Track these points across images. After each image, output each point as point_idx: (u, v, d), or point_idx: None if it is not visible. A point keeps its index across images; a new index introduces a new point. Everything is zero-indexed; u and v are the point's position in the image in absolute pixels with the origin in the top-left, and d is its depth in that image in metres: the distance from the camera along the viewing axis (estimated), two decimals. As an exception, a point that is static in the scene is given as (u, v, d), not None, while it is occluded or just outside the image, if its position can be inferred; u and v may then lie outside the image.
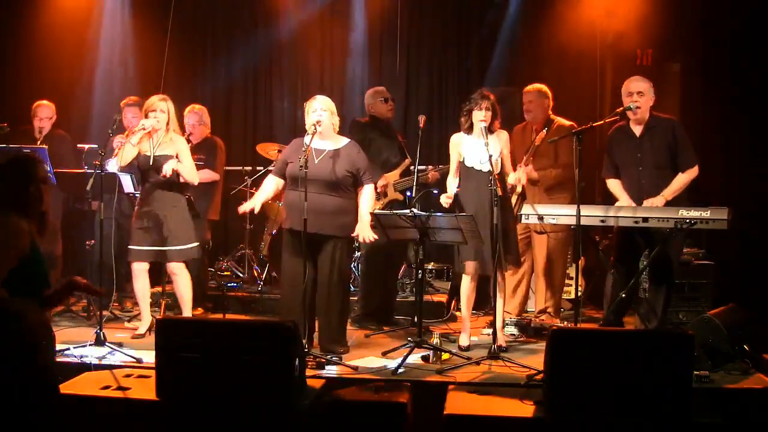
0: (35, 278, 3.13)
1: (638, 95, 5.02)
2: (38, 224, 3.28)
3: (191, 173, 5.35)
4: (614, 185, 5.21)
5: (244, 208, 5.16)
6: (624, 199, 5.07)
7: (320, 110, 4.94)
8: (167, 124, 5.30)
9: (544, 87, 5.92)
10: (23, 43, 7.54)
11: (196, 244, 5.39)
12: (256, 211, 5.13)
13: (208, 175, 6.22)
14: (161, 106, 5.27)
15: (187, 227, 5.36)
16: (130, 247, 5.29)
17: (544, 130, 5.63)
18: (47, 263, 3.35)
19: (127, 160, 5.21)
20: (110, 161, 5.51)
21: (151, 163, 5.24)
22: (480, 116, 5.05)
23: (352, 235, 5.05)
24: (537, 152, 5.70)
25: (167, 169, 5.18)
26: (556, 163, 5.78)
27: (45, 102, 6.43)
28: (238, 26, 8.24)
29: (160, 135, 5.30)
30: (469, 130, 5.15)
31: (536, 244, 5.95)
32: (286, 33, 8.11)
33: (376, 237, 5.01)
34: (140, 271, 5.34)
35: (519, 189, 5.72)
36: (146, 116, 5.26)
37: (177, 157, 5.28)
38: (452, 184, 5.23)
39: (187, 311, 5.41)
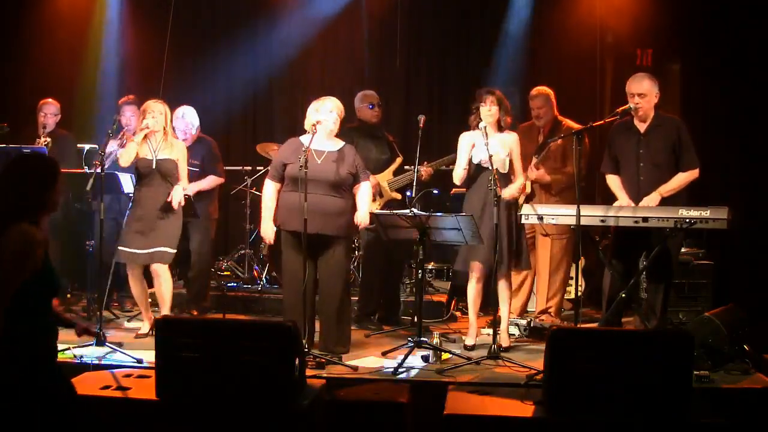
0: (46, 289, 3.04)
1: (639, 96, 5.01)
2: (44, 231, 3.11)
3: (184, 178, 5.45)
4: (613, 182, 5.21)
5: (269, 240, 5.09)
6: (622, 197, 5.07)
7: (335, 112, 4.99)
8: (164, 127, 5.32)
9: (548, 89, 5.92)
10: (22, 42, 7.54)
11: (176, 250, 5.41)
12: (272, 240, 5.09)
13: (214, 182, 6.20)
14: (158, 108, 5.29)
15: (178, 231, 5.39)
16: (120, 248, 5.28)
17: (559, 140, 5.59)
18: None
19: (131, 159, 5.23)
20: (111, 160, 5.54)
21: (154, 167, 5.26)
22: (485, 112, 5.06)
23: (356, 223, 5.10)
24: (545, 156, 5.70)
25: (177, 201, 5.29)
26: (564, 166, 5.77)
27: (50, 99, 6.44)
28: (238, 26, 8.22)
29: (159, 138, 5.31)
30: (477, 125, 5.15)
31: (540, 245, 5.95)
32: (286, 33, 8.10)
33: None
34: (135, 273, 5.35)
35: (528, 190, 5.73)
36: (144, 118, 5.28)
37: (178, 162, 5.34)
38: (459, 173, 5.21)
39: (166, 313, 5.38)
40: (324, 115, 4.97)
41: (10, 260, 2.87)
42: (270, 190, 5.09)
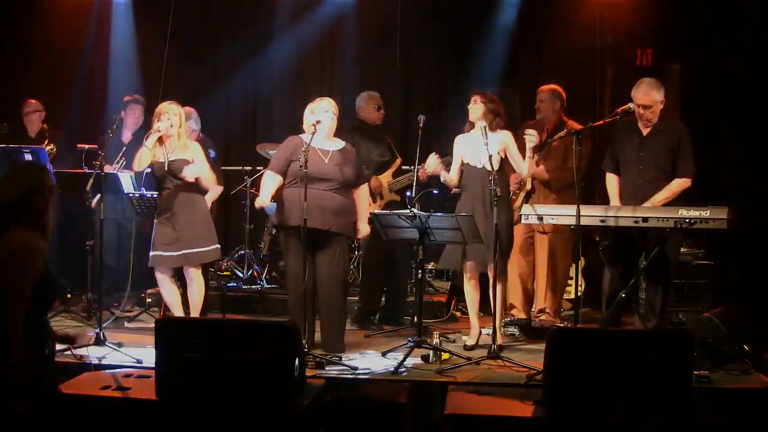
0: (50, 293, 3.06)
1: (644, 108, 4.99)
2: (42, 236, 3.12)
3: (209, 179, 5.30)
4: (610, 182, 5.23)
5: (262, 203, 5.03)
6: (614, 200, 5.10)
7: (331, 112, 5.02)
8: (179, 129, 5.23)
9: (558, 88, 5.92)
10: (22, 43, 7.53)
11: (217, 246, 5.32)
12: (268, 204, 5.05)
13: (218, 192, 6.06)
14: (172, 110, 5.20)
15: (208, 229, 5.28)
16: (152, 254, 5.22)
17: (560, 138, 5.58)
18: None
19: (144, 164, 5.16)
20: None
21: (166, 169, 5.17)
22: (471, 108, 5.13)
23: (359, 237, 5.27)
24: (546, 153, 5.70)
25: (188, 173, 5.12)
26: (565, 165, 5.77)
27: (32, 100, 6.61)
28: (238, 26, 8.23)
29: (173, 141, 5.21)
30: (470, 127, 5.19)
31: (538, 243, 5.94)
32: (285, 33, 8.10)
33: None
34: (164, 278, 5.26)
35: (529, 186, 5.73)
36: (158, 120, 5.21)
37: (192, 161, 5.22)
38: (448, 177, 5.28)
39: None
40: (321, 115, 4.99)
41: (16, 269, 2.89)
42: (271, 178, 5.05)
